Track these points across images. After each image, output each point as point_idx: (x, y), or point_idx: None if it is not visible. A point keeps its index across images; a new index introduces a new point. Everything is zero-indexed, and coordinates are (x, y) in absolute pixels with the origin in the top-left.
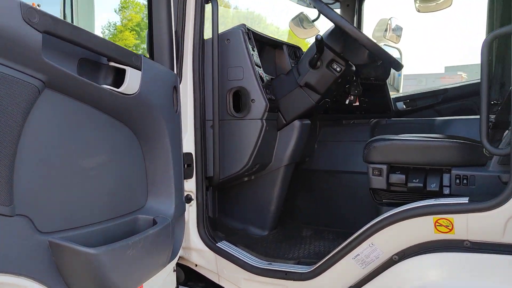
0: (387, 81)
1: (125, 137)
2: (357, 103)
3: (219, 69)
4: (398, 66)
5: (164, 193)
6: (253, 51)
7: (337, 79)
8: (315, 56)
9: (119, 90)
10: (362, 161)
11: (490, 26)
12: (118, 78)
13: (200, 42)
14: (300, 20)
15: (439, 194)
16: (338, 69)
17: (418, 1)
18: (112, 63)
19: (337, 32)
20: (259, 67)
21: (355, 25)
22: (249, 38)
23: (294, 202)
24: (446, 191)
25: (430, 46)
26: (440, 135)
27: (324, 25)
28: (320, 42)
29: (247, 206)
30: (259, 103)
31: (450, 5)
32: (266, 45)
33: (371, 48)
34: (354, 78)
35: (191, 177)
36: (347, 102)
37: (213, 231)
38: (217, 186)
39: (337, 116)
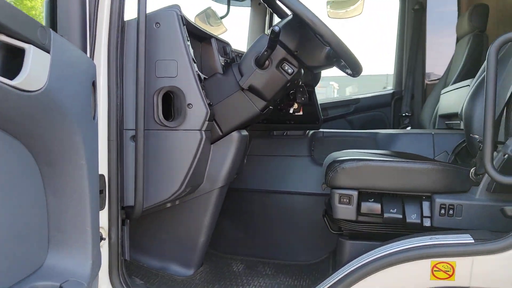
0: None
1: (15, 159)
2: (301, 112)
3: (146, 62)
4: (359, 70)
5: (75, 243)
6: (188, 41)
7: (287, 83)
8: (265, 53)
9: (12, 83)
10: (300, 179)
11: (401, 36)
12: (11, 63)
13: (119, 23)
14: (207, 16)
15: (419, 227)
16: (290, 70)
17: (329, 7)
18: (2, 37)
19: (294, 25)
20: (195, 62)
21: (266, 25)
22: (184, 24)
23: (219, 229)
24: (427, 223)
25: None
26: (412, 155)
27: (232, 24)
28: (276, 36)
29: (169, 239)
30: (198, 109)
31: (360, 13)
32: (191, 36)
33: (337, 47)
34: (301, 83)
35: (102, 208)
36: (291, 110)
37: (129, 277)
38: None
39: (267, 126)
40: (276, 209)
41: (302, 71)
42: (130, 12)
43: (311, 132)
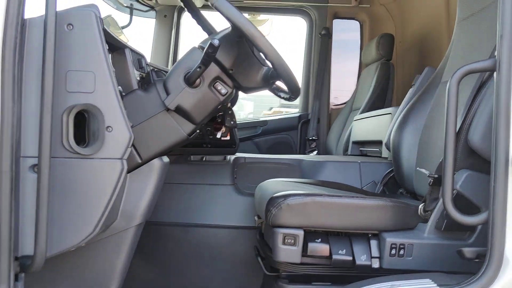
0: None
1: None
2: (228, 137)
3: (54, 72)
4: (298, 93)
5: None
6: (108, 49)
7: (219, 104)
8: (198, 69)
9: None
10: (223, 211)
11: (308, 61)
12: None
13: (18, 21)
14: (106, 25)
15: (368, 269)
16: (223, 91)
17: None
18: None
19: (232, 40)
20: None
21: (172, 39)
22: (103, 28)
23: (131, 270)
24: (376, 264)
25: None
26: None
27: (134, 34)
28: (214, 51)
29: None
30: (119, 133)
31: (267, 35)
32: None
33: (279, 67)
34: (230, 105)
35: None
36: (219, 135)
37: None
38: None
39: (183, 149)
40: (197, 245)
41: (234, 92)
42: (34, 10)
43: (233, 157)
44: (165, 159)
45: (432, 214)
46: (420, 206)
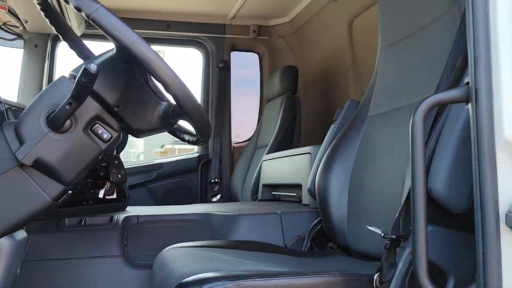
0: None
1: None
2: (115, 195)
3: None
4: (209, 134)
5: None
6: None
7: (100, 154)
8: (67, 107)
9: None
10: None
11: (206, 95)
12: None
13: None
14: None
15: None
16: (105, 136)
17: None
18: None
19: (118, 65)
20: None
21: (46, 72)
22: None
23: None
24: None
25: None
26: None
27: None
28: (90, 81)
29: None
30: None
31: None
32: None
33: (186, 101)
34: (115, 153)
35: None
36: (101, 194)
37: None
38: None
39: (53, 212)
40: None
41: (122, 136)
42: None
43: (122, 217)
44: (21, 234)
45: (391, 286)
46: (375, 277)
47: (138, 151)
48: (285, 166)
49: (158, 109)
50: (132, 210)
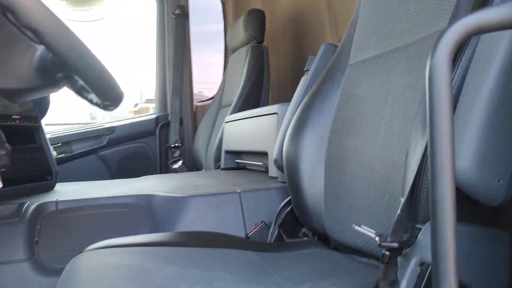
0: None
1: None
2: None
3: None
4: (116, 97)
5: None
6: None
7: None
8: None
9: None
10: None
11: (162, 48)
12: None
13: None
14: None
15: None
16: None
17: (66, 3)
18: None
19: None
20: None
21: None
22: None
23: None
24: None
25: None
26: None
27: None
28: None
29: None
30: None
31: (106, 17)
32: None
33: (65, 47)
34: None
35: None
36: None
37: None
38: None
39: None
40: None
41: None
42: None
43: (33, 205)
44: None
45: None
46: None
47: (104, 113)
48: (248, 130)
49: (30, 57)
50: (61, 190)
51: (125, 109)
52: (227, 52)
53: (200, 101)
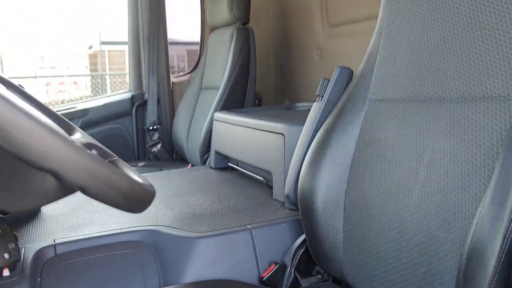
0: None
1: None
2: None
3: None
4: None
5: None
6: None
7: None
8: None
9: None
10: None
11: (134, 19)
12: None
13: None
14: None
15: None
16: None
17: None
18: None
19: None
20: None
21: None
22: None
23: None
24: None
25: None
26: None
27: None
28: None
29: None
30: None
31: None
32: None
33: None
34: None
35: None
36: None
37: None
38: None
39: None
40: None
41: None
42: None
43: (30, 256)
44: None
45: None
46: None
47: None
48: (247, 141)
49: (46, 181)
50: (48, 215)
51: (80, 52)
52: (205, 29)
53: (176, 77)
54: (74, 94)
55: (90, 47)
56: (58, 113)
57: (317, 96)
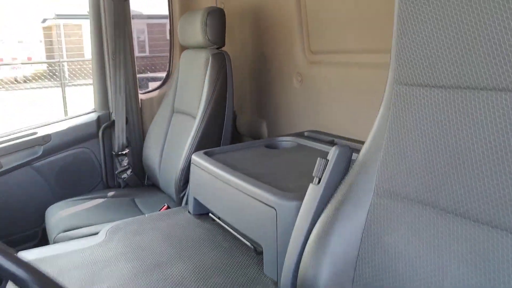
0: None
1: None
2: None
3: None
4: None
5: None
6: None
7: None
8: None
9: None
10: None
11: (98, 39)
12: None
13: None
14: None
15: None
16: None
17: None
18: None
19: None
20: None
21: None
22: None
23: None
24: None
25: None
26: None
27: None
28: None
29: None
30: None
31: None
32: None
33: None
34: None
35: None
36: None
37: None
38: None
39: None
40: None
41: None
42: None
43: None
44: None
45: None
46: None
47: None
48: (232, 202)
49: None
50: None
51: (34, 25)
52: (174, 45)
53: (145, 93)
54: (29, 70)
55: (44, 21)
56: (19, 140)
57: (314, 177)
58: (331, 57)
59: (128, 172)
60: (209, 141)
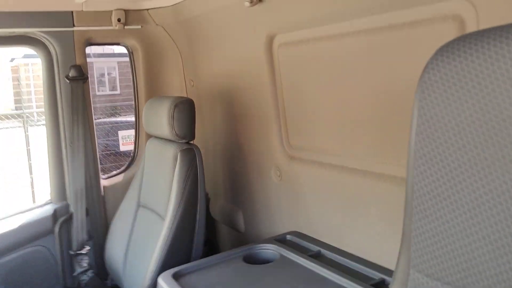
0: None
1: None
2: None
3: None
4: None
5: None
6: None
7: None
8: None
9: None
10: None
11: (53, 120)
12: None
13: None
14: None
15: None
16: None
17: None
18: None
19: None
20: None
21: None
22: None
23: None
24: None
25: None
26: None
27: None
28: None
29: None
30: None
31: None
32: None
33: None
34: None
35: None
36: None
37: None
38: None
39: None
40: None
41: None
42: None
43: None
44: None
45: None
46: None
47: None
48: None
49: None
50: None
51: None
52: (140, 130)
53: (107, 178)
54: None
55: (12, 60)
56: None
57: None
58: (313, 155)
59: (89, 273)
60: (180, 248)
